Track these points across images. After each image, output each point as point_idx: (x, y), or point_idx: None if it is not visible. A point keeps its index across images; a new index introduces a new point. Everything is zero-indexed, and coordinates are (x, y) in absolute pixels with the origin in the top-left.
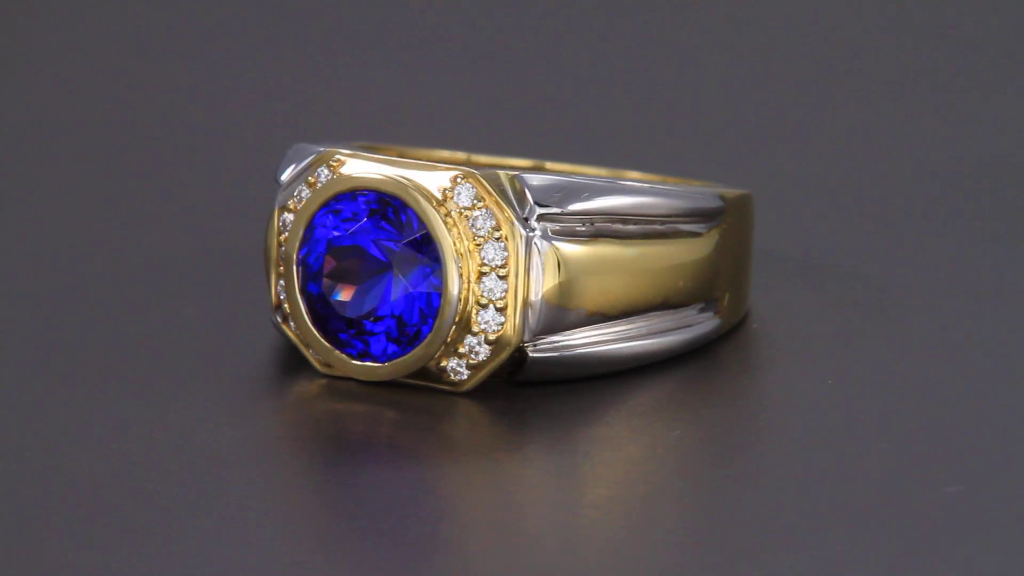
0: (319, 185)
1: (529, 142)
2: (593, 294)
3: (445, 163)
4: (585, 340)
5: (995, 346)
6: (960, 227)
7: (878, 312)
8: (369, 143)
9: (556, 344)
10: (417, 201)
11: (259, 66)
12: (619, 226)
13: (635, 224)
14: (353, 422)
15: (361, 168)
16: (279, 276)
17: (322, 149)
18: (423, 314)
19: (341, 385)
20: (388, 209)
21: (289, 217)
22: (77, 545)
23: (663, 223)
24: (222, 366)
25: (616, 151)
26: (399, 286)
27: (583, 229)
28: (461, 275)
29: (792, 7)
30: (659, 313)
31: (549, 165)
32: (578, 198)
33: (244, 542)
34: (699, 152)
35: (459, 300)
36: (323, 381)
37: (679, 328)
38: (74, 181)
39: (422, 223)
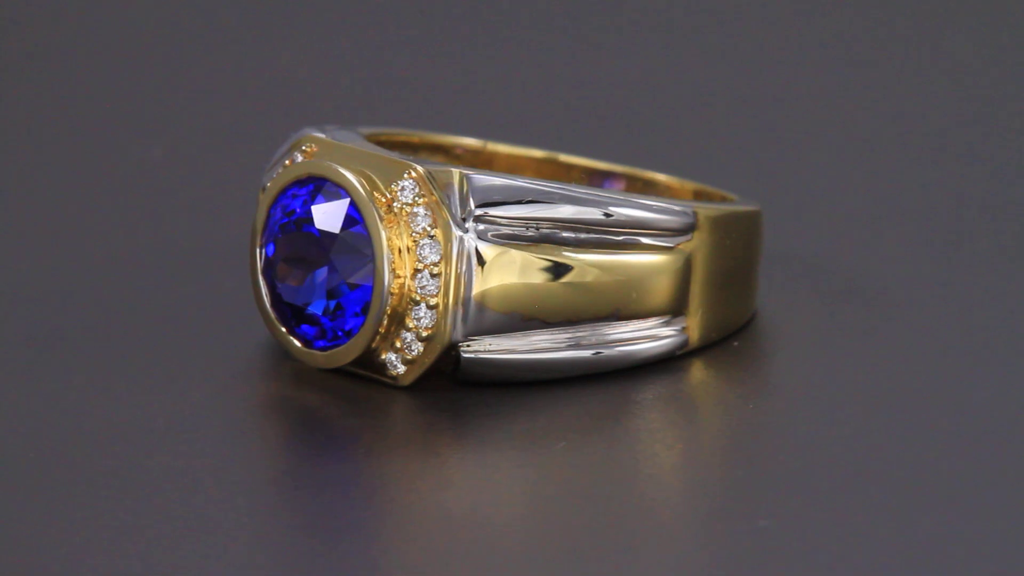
0: None
1: (567, 135)
2: (529, 299)
3: (463, 148)
4: (526, 345)
5: (990, 360)
6: (967, 241)
7: (872, 335)
8: (390, 129)
9: (493, 347)
10: (358, 193)
11: (295, 48)
12: (569, 234)
13: (587, 233)
14: (286, 409)
15: (327, 154)
16: None
17: (317, 133)
18: (362, 305)
19: (304, 370)
20: (335, 197)
21: None
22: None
23: (619, 234)
24: (211, 345)
25: (649, 150)
26: (336, 276)
27: (528, 234)
28: (394, 270)
29: (823, 20)
30: (612, 324)
31: (563, 158)
32: (520, 203)
33: (160, 527)
34: (723, 156)
35: (389, 295)
36: (291, 366)
37: (637, 340)
38: (91, 168)
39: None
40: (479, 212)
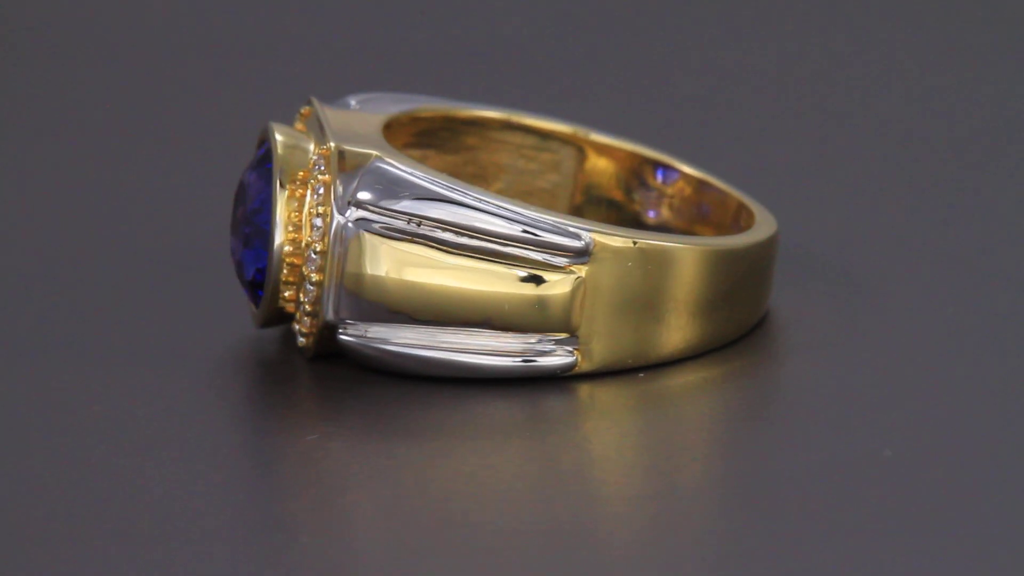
0: None
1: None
2: (394, 293)
3: (481, 122)
4: (397, 338)
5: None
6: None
7: (874, 335)
8: (424, 101)
9: (366, 333)
10: (275, 157)
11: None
12: (449, 235)
13: (469, 238)
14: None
15: (310, 120)
16: None
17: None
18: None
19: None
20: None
21: None
22: None
23: (503, 244)
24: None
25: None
26: (252, 238)
27: (408, 228)
28: (294, 240)
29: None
30: (488, 333)
31: (594, 136)
32: (394, 196)
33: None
34: (729, 154)
35: (280, 263)
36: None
37: (514, 353)
38: (98, 158)
39: None
40: (365, 199)
